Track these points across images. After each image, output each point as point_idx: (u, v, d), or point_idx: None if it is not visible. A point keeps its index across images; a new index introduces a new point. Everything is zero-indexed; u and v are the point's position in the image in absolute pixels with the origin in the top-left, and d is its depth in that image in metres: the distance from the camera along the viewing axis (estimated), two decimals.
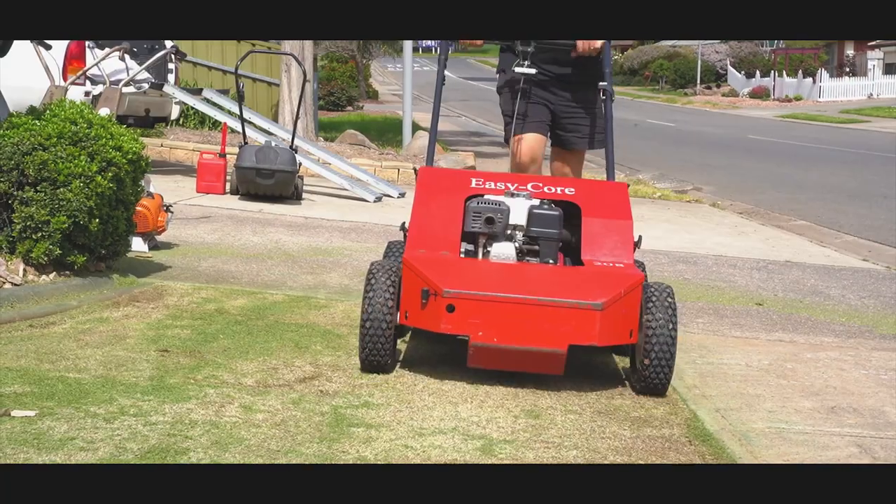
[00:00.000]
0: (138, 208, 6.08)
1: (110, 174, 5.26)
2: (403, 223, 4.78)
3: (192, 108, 14.79)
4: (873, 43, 49.90)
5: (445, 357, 4.47)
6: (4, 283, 4.80)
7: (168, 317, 4.89)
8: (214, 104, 11.90)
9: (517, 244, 4.42)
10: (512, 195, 4.51)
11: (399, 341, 4.52)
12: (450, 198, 4.52)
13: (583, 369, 4.45)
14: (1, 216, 5.10)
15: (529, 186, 4.62)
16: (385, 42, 37.30)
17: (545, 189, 4.64)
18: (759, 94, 47.84)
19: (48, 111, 5.46)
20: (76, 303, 4.91)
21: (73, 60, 10.50)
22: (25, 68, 9.27)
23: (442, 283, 3.99)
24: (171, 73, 12.09)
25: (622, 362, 4.72)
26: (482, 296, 3.98)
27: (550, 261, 4.41)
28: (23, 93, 8.54)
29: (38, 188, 5.05)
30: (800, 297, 6.95)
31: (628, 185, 4.92)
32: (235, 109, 11.07)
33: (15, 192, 5.06)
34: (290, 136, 10.81)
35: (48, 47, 9.13)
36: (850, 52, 53.33)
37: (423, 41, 78.14)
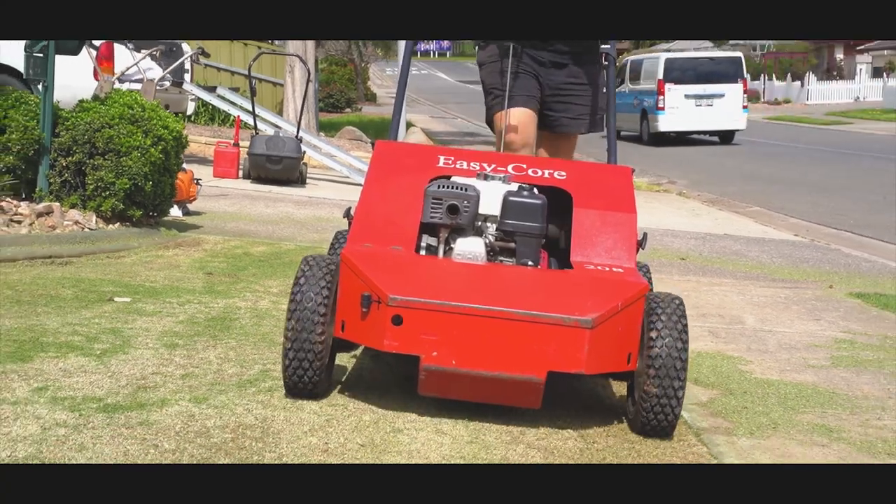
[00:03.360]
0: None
1: (160, 147, 6.71)
2: (349, 209, 3.93)
3: (204, 105, 16.28)
4: (862, 46, 50.79)
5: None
6: (84, 227, 6.25)
7: (207, 255, 6.33)
8: (227, 100, 13.39)
9: (488, 240, 3.66)
10: (485, 178, 3.75)
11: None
12: (409, 178, 3.76)
13: None
14: (76, 179, 6.54)
15: (510, 168, 3.91)
16: (379, 46, 38.25)
17: (529, 171, 3.91)
18: (749, 97, 48.90)
19: (109, 98, 6.91)
20: (137, 244, 6.36)
21: (104, 61, 11.96)
22: (66, 69, 10.71)
23: (387, 288, 3.23)
24: (188, 72, 13.58)
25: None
26: (438, 305, 3.20)
27: (529, 262, 3.62)
28: (63, 91, 9.95)
29: (105, 157, 6.49)
30: (721, 256, 8.37)
31: (633, 170, 4.04)
32: (246, 105, 12.54)
33: (87, 161, 6.50)
34: (296, 129, 12.27)
35: (96, 48, 10.61)
36: (839, 55, 54.21)
37: (421, 44, 79.24)
